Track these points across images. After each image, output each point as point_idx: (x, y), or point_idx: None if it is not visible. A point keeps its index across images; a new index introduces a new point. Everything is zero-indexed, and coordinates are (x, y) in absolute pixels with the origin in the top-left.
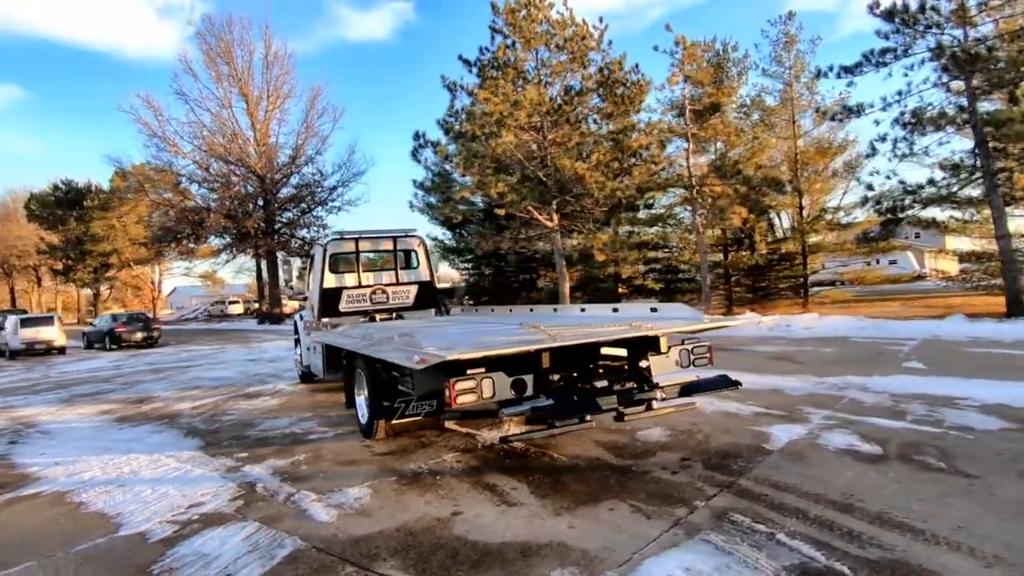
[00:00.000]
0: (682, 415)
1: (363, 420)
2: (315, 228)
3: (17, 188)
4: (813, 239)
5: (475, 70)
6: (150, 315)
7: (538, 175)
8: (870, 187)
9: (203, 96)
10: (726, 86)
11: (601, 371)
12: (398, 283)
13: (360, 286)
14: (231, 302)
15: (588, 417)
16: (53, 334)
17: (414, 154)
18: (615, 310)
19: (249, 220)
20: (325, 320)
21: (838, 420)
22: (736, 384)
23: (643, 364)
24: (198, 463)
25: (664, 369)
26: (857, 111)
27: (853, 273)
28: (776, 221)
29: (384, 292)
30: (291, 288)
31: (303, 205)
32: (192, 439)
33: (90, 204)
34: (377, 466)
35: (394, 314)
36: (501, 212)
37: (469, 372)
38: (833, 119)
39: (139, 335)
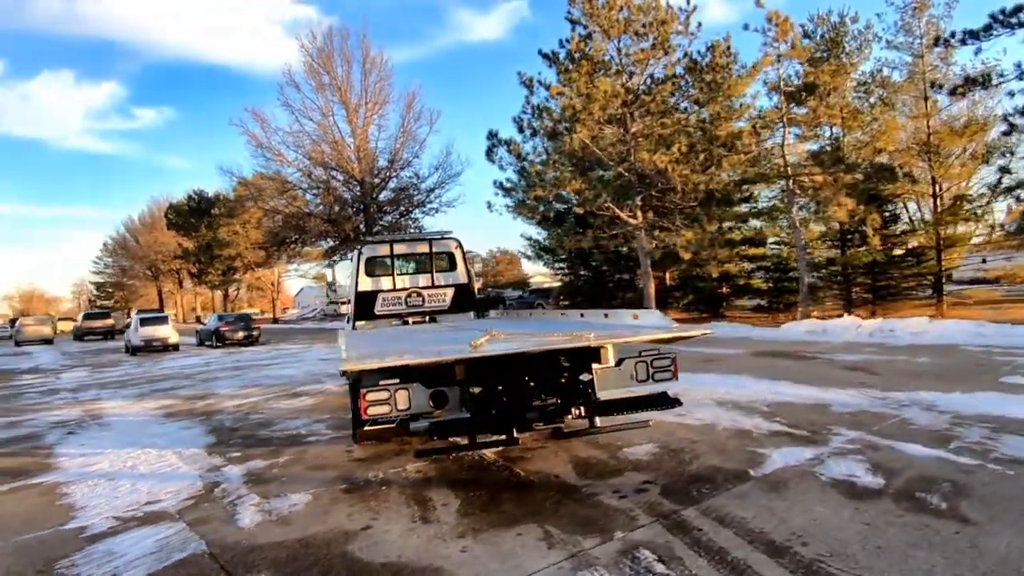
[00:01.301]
0: (686, 432)
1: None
2: (412, 231)
3: (159, 198)
4: (950, 231)
5: (554, 65)
6: (252, 315)
7: (619, 170)
8: (1006, 170)
9: (305, 106)
10: (842, 63)
11: (532, 384)
12: (433, 286)
13: (395, 289)
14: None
15: (516, 434)
16: (167, 332)
17: (488, 153)
18: (605, 315)
19: (348, 224)
20: (360, 323)
21: (862, 444)
22: (674, 404)
23: (585, 377)
24: (192, 461)
25: (619, 383)
26: (983, 81)
27: (1003, 270)
28: (904, 212)
29: (419, 295)
30: (333, 291)
31: (401, 208)
32: (208, 436)
33: (217, 212)
34: (340, 472)
35: (427, 317)
36: (581, 210)
37: (383, 383)
38: (954, 93)
39: (240, 334)
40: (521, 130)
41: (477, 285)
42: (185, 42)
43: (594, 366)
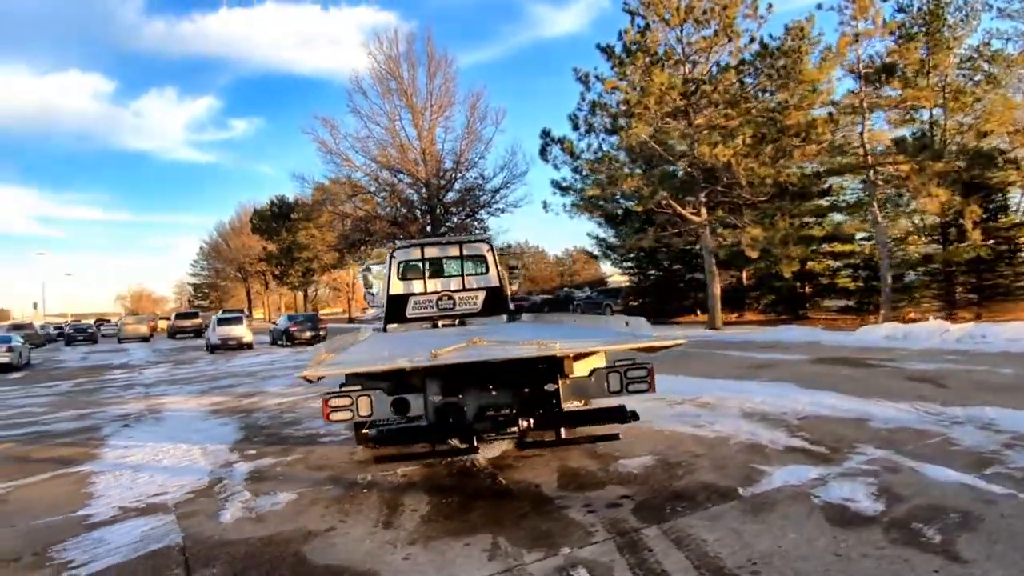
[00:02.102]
0: (695, 444)
1: None
2: (477, 232)
3: (247, 204)
4: None
5: (610, 59)
6: (323, 315)
7: (680, 165)
8: None
9: (373, 111)
10: (943, 37)
11: (495, 393)
12: (464, 289)
13: (426, 292)
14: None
15: (476, 443)
16: (242, 332)
17: (542, 153)
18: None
19: (413, 226)
20: (392, 326)
21: (882, 465)
22: (629, 418)
23: (551, 388)
24: (212, 457)
25: (591, 394)
26: None
27: None
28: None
29: (450, 298)
30: (372, 294)
31: (466, 209)
32: (238, 433)
33: (296, 216)
34: (335, 473)
35: (457, 320)
36: (640, 208)
37: (344, 389)
38: None
39: (308, 333)
40: (576, 127)
41: (513, 287)
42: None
43: (564, 376)
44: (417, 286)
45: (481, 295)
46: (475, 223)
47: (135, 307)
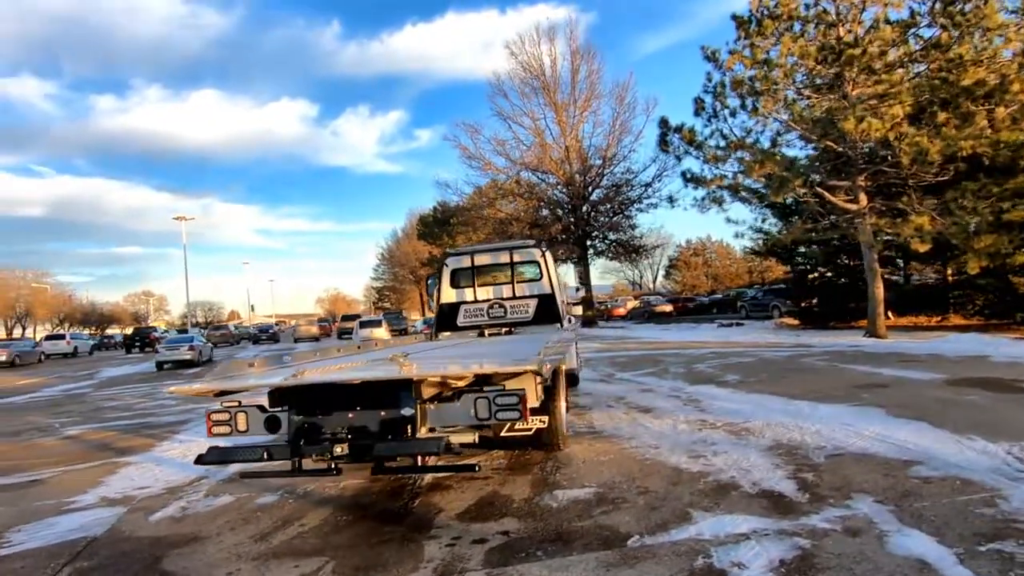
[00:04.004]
0: (667, 479)
1: None
2: (625, 229)
3: (416, 210)
4: None
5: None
6: None
7: (827, 144)
8: None
9: (514, 113)
10: None
11: (351, 416)
12: (515, 297)
13: (476, 300)
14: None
15: (334, 465)
16: (381, 334)
17: (662, 142)
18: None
19: (554, 227)
20: (445, 334)
21: (849, 525)
22: (436, 451)
23: (408, 412)
24: None
25: (458, 420)
26: None
27: None
28: None
29: (501, 306)
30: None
31: (613, 206)
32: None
33: (455, 221)
34: (291, 481)
35: (503, 330)
36: (776, 198)
37: (225, 404)
38: None
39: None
40: (698, 112)
41: (579, 295)
42: (455, 63)
43: (423, 401)
44: (469, 294)
45: (533, 303)
46: (624, 220)
47: (332, 309)
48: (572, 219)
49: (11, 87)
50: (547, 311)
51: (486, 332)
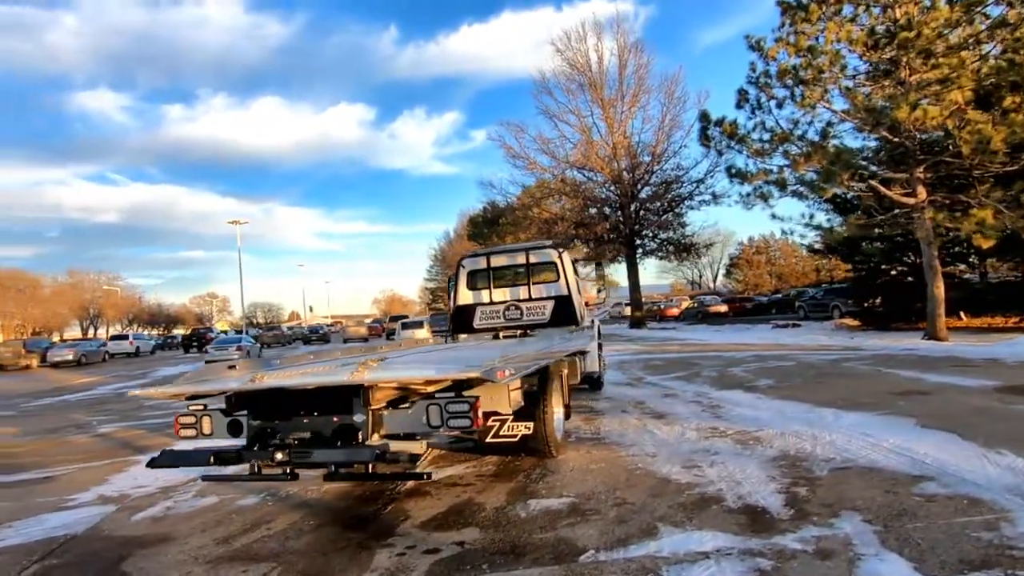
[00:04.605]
0: (651, 490)
1: None
2: (675, 228)
3: (467, 211)
4: None
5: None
6: None
7: (882, 134)
8: None
9: (560, 110)
10: None
11: (306, 421)
12: (531, 298)
13: (492, 302)
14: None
15: (289, 470)
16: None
17: (703, 136)
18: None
19: (599, 226)
20: (462, 336)
21: (822, 546)
22: (373, 459)
23: (360, 418)
24: None
25: (410, 427)
26: None
27: None
28: None
29: (518, 308)
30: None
31: (663, 204)
32: None
33: (504, 221)
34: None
35: (519, 332)
36: (826, 194)
37: (191, 407)
38: None
39: None
40: (740, 104)
41: (601, 296)
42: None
43: (376, 408)
44: (486, 296)
45: (550, 305)
46: (671, 219)
47: (388, 309)
48: (620, 217)
49: (89, 100)
50: (564, 313)
51: (500, 334)
